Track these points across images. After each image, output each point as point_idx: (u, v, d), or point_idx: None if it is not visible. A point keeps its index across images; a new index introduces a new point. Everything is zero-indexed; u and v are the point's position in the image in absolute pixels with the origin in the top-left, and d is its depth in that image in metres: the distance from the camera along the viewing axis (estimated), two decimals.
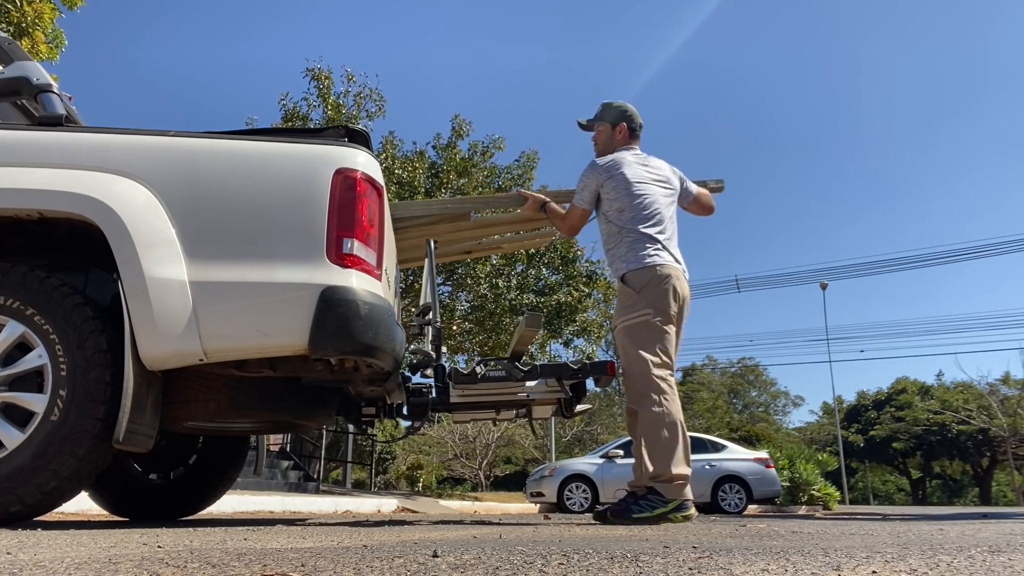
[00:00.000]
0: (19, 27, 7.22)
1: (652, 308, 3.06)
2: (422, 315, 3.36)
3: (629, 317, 3.10)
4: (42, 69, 2.86)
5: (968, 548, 1.49)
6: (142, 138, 2.40)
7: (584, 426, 28.58)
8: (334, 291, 2.26)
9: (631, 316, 3.10)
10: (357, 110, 13.44)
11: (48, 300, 2.21)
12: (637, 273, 3.12)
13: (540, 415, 3.90)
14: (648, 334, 3.04)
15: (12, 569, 1.08)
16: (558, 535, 2.02)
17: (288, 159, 2.39)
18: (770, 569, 1.08)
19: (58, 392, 2.15)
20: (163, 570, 1.07)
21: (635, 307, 3.09)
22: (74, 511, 4.30)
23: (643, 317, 3.06)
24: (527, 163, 14.35)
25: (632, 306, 3.10)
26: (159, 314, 2.18)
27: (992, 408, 31.57)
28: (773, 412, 50.76)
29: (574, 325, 13.71)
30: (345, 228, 2.34)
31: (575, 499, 11.46)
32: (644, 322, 3.06)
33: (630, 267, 3.14)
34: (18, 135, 2.42)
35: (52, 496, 2.19)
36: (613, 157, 3.34)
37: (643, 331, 3.05)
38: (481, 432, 23.54)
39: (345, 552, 1.35)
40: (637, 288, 3.10)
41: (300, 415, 3.00)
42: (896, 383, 39.76)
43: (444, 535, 1.97)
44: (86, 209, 2.21)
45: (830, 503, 12.97)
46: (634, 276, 3.12)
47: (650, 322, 3.05)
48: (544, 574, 1.03)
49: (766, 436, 31.43)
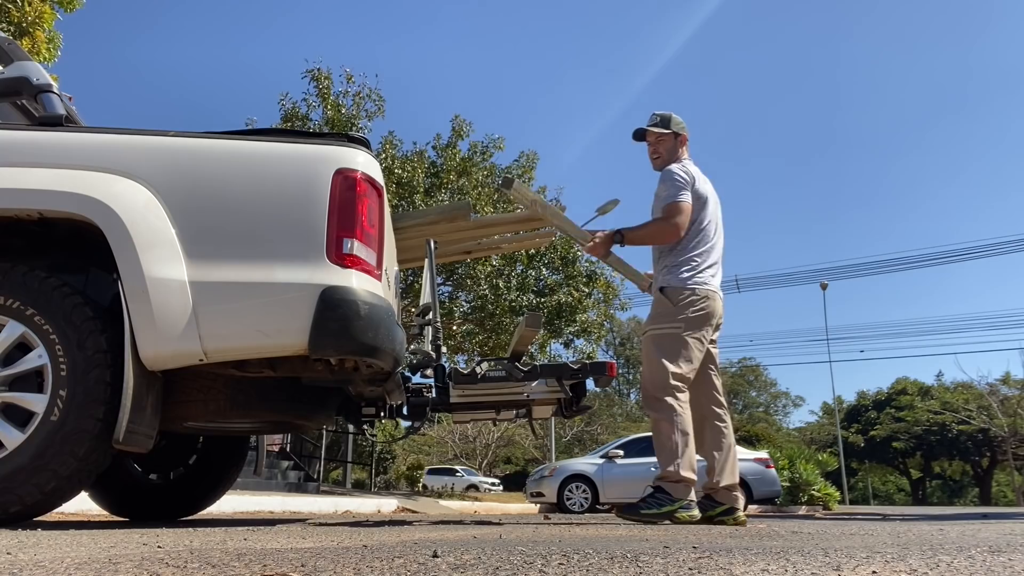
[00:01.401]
0: (19, 26, 7.22)
1: (684, 323, 3.10)
2: (422, 315, 3.36)
3: (660, 327, 3.15)
4: (42, 69, 2.86)
5: (968, 548, 1.49)
6: (142, 138, 2.40)
7: (584, 426, 28.60)
8: (334, 291, 2.26)
9: (662, 326, 3.14)
10: (356, 110, 13.44)
11: (48, 300, 2.21)
12: (679, 291, 3.15)
13: (540, 415, 3.90)
14: (674, 345, 3.09)
15: (12, 569, 1.08)
16: (558, 535, 2.02)
17: (288, 159, 2.39)
18: (770, 569, 1.08)
19: (58, 392, 2.15)
20: (163, 570, 1.07)
21: (668, 319, 3.13)
22: (74, 511, 4.30)
23: (674, 330, 3.10)
24: (527, 163, 14.36)
25: (665, 317, 3.14)
26: (159, 314, 2.18)
27: (992, 408, 31.56)
28: (773, 412, 50.83)
29: (574, 325, 13.71)
30: (345, 228, 2.34)
31: (575, 499, 11.45)
32: (674, 335, 3.10)
33: (673, 284, 3.16)
34: (18, 135, 2.42)
35: (52, 496, 2.19)
36: (690, 169, 3.33)
37: (670, 342, 3.10)
38: (481, 432, 23.54)
39: (345, 552, 1.35)
40: (675, 302, 3.14)
41: (300, 415, 3.00)
42: (896, 383, 39.76)
43: (444, 535, 1.97)
44: (86, 209, 2.21)
45: (830, 503, 12.97)
46: (675, 292, 3.15)
47: (680, 336, 3.09)
48: (544, 574, 1.03)
49: (766, 436, 31.41)
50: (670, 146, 3.41)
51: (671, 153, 3.40)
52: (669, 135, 3.40)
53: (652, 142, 3.44)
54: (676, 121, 3.44)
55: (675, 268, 3.19)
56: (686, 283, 3.15)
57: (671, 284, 3.17)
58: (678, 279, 3.16)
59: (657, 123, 3.43)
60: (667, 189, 3.25)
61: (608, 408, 34.87)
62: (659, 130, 3.41)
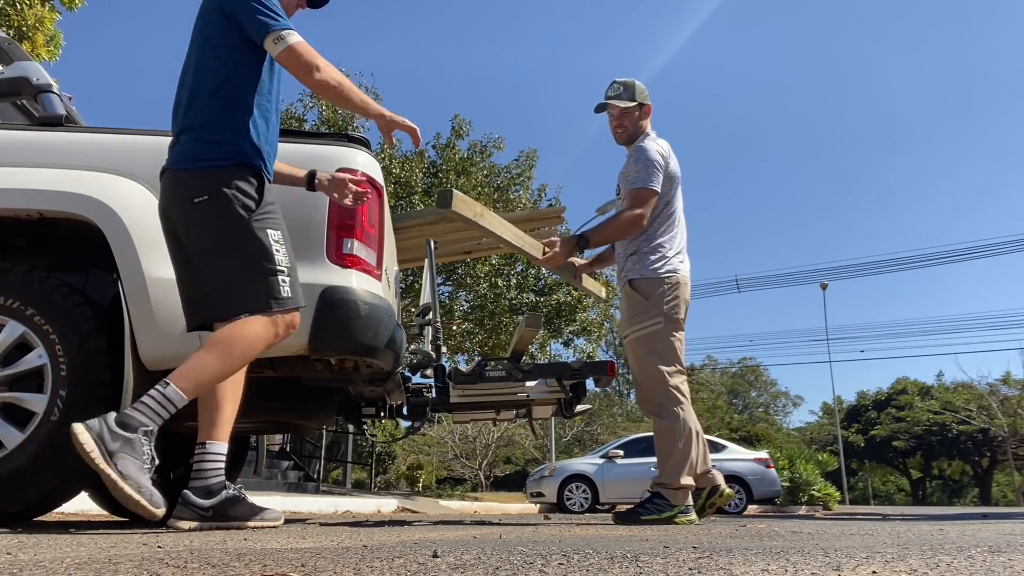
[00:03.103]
0: (19, 31, 7.23)
1: (663, 317, 2.96)
2: (422, 315, 3.37)
3: (640, 327, 2.99)
4: (42, 69, 2.87)
5: (968, 548, 1.49)
6: (142, 138, 2.40)
7: (584, 426, 28.58)
8: (334, 291, 2.27)
9: (642, 326, 2.99)
10: None
11: (48, 300, 2.21)
12: (648, 282, 2.99)
13: (540, 415, 3.90)
14: (662, 343, 2.96)
15: (12, 569, 1.08)
16: (558, 535, 2.02)
17: (288, 159, 2.39)
18: (770, 569, 1.08)
19: (58, 392, 2.15)
20: (163, 570, 1.07)
21: (645, 316, 2.98)
22: (74, 511, 4.30)
23: (655, 327, 2.97)
24: (526, 162, 14.36)
25: (642, 315, 2.99)
26: (159, 314, 2.18)
27: (992, 408, 31.55)
28: (773, 412, 50.79)
29: (574, 325, 13.72)
30: (345, 228, 2.34)
31: (575, 499, 11.46)
32: (656, 332, 2.96)
33: (644, 275, 3.00)
34: (18, 135, 2.42)
35: (52, 496, 2.19)
36: (662, 145, 3.09)
37: (655, 341, 2.97)
38: (481, 432, 23.53)
39: (345, 552, 1.35)
40: (646, 295, 2.99)
41: (300, 415, 3.01)
42: (896, 383, 39.74)
43: (444, 535, 1.97)
44: (86, 209, 2.21)
45: (830, 503, 12.96)
46: (644, 284, 3.00)
47: (662, 331, 2.96)
48: (544, 574, 1.03)
49: (766, 436, 31.42)
50: (635, 118, 3.15)
51: (636, 126, 3.15)
52: (634, 107, 3.14)
53: (616, 115, 3.16)
54: (640, 90, 3.16)
55: (643, 257, 3.02)
56: (656, 273, 2.99)
57: (642, 276, 3.00)
58: (648, 270, 3.00)
59: (620, 94, 3.15)
60: (639, 170, 3.01)
61: (608, 408, 34.87)
62: (623, 103, 3.13)
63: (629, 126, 3.16)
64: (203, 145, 2.05)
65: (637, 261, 3.04)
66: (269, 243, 2.04)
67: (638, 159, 3.03)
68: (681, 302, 3.02)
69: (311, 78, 2.08)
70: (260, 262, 2.02)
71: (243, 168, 2.07)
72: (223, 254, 2.02)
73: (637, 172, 3.00)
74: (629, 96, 3.15)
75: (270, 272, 2.02)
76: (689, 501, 2.93)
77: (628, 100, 3.14)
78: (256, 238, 2.02)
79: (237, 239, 2.02)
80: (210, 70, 2.09)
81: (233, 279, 2.03)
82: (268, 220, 2.07)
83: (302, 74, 2.08)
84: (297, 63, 2.07)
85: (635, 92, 3.15)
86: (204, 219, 2.03)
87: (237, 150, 2.06)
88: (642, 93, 3.17)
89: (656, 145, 3.07)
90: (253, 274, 2.02)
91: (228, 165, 2.05)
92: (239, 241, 2.02)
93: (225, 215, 2.01)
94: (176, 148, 2.10)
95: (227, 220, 2.02)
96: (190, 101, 2.09)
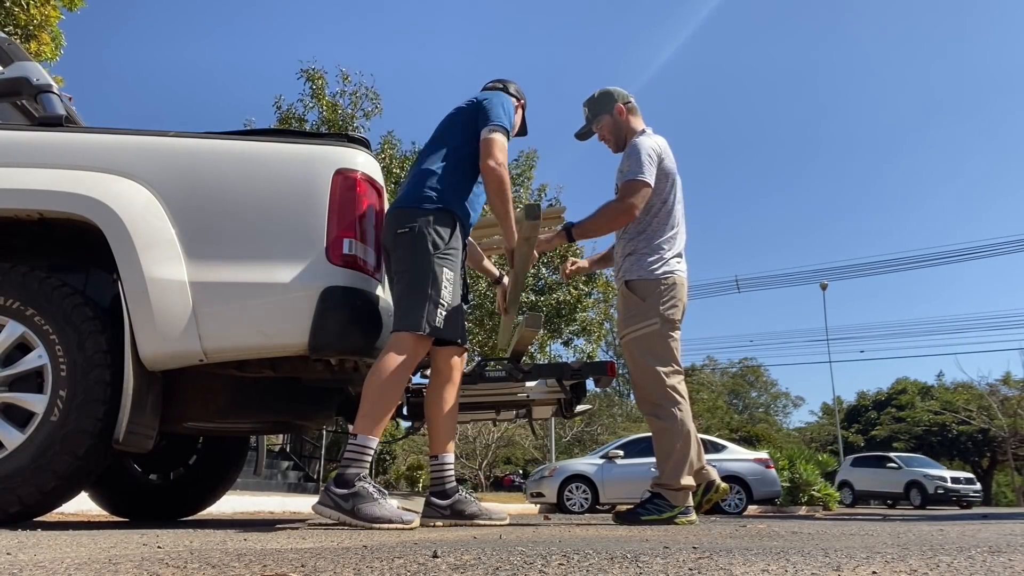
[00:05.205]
0: (26, 29, 7.25)
1: (659, 318, 2.95)
2: None
3: (637, 328, 2.98)
4: (42, 69, 2.87)
5: (968, 548, 1.49)
6: (142, 138, 2.40)
7: (584, 427, 28.59)
8: (334, 291, 2.27)
9: (639, 327, 2.98)
10: (353, 109, 13.43)
11: (48, 300, 2.21)
12: (645, 283, 2.98)
13: (540, 415, 3.90)
14: (658, 344, 2.95)
15: (12, 569, 1.08)
16: (558, 535, 2.02)
17: (288, 159, 2.40)
18: (770, 569, 1.08)
19: (58, 392, 2.15)
20: (163, 570, 1.07)
21: (642, 316, 2.97)
22: (74, 511, 4.30)
23: (652, 327, 2.96)
24: (526, 162, 14.37)
25: (639, 315, 2.98)
26: (159, 314, 2.18)
27: (992, 408, 31.54)
28: (773, 412, 50.81)
29: (574, 325, 13.73)
30: (345, 228, 2.34)
31: (575, 499, 11.46)
32: (653, 332, 2.95)
33: (641, 276, 2.99)
34: (18, 135, 2.42)
35: (52, 496, 2.19)
36: (657, 141, 3.06)
37: (652, 341, 2.96)
38: (481, 432, 23.54)
39: (345, 552, 1.35)
40: (642, 296, 2.98)
41: (300, 415, 3.00)
42: (896, 383, 39.73)
43: (444, 535, 1.97)
44: (86, 209, 2.21)
45: (830, 503, 12.97)
46: (641, 285, 2.99)
47: (659, 331, 2.95)
48: (544, 574, 1.03)
49: (766, 436, 31.42)
50: (612, 127, 3.15)
51: (619, 130, 3.15)
52: (605, 118, 3.15)
53: (596, 131, 3.21)
54: (604, 100, 3.16)
55: (641, 257, 3.00)
56: (653, 274, 2.97)
57: (639, 277, 2.99)
58: (646, 271, 2.98)
59: (588, 117, 3.21)
60: (631, 164, 2.97)
61: (608, 408, 34.87)
62: (595, 125, 3.19)
63: (612, 135, 3.18)
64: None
65: (634, 262, 3.03)
66: (441, 279, 2.42)
67: (631, 154, 3.02)
68: (678, 303, 3.01)
69: (486, 163, 2.57)
70: (427, 290, 2.39)
71: (444, 213, 2.50)
72: (405, 278, 2.42)
73: (629, 166, 2.99)
74: (595, 113, 3.18)
75: (434, 301, 2.38)
76: (689, 502, 2.92)
77: (596, 116, 3.18)
78: (432, 271, 2.41)
79: (419, 269, 2.42)
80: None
81: (407, 299, 2.40)
82: (447, 260, 2.46)
83: (484, 157, 2.58)
84: (488, 149, 2.58)
85: (601, 105, 3.17)
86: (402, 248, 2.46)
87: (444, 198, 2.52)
88: (608, 100, 3.16)
89: (650, 141, 3.05)
90: (420, 297, 2.38)
91: (432, 209, 2.49)
92: (420, 270, 2.41)
93: (417, 248, 2.43)
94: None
95: (417, 252, 2.43)
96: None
